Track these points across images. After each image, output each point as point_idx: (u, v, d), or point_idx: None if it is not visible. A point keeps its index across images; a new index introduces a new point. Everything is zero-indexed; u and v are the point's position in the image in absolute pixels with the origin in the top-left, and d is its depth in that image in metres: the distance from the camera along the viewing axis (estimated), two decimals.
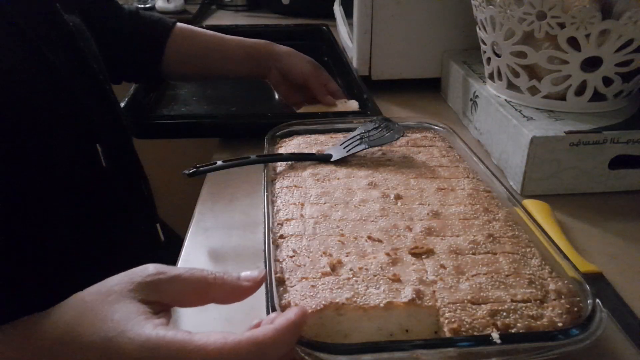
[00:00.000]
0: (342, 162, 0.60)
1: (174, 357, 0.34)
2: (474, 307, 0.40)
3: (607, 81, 0.65)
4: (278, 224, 0.50)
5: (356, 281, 0.42)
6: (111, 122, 0.64)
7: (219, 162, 0.59)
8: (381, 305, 0.40)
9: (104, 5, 0.79)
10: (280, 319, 0.36)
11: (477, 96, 0.77)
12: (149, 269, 0.39)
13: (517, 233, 0.48)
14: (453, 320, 0.39)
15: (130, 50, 0.80)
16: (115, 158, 0.62)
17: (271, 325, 0.35)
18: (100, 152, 0.59)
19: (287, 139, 0.67)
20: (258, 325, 0.36)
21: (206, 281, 0.39)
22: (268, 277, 0.42)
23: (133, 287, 0.38)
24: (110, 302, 0.37)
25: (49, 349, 0.37)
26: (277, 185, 0.57)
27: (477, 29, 0.75)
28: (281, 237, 0.48)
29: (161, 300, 0.38)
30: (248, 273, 0.40)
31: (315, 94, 0.84)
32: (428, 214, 0.51)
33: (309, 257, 0.44)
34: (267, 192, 0.55)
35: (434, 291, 0.41)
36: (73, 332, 0.37)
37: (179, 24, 0.85)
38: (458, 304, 0.40)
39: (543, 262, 0.45)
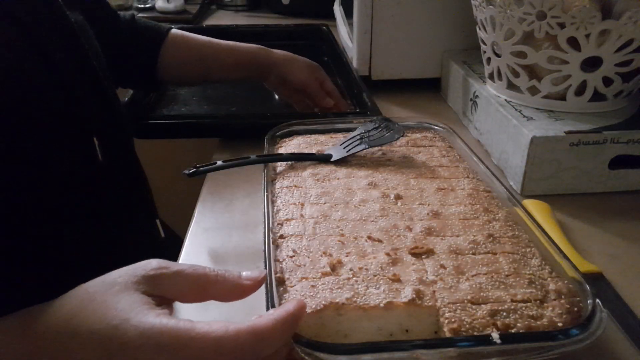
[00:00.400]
0: (342, 162, 0.60)
1: (175, 344, 0.34)
2: (474, 307, 0.40)
3: (607, 81, 0.66)
4: (278, 224, 0.50)
5: (356, 281, 0.42)
6: (109, 118, 0.64)
7: (219, 162, 0.59)
8: (381, 305, 0.40)
9: (101, 10, 0.79)
10: (280, 311, 0.36)
11: (477, 96, 0.77)
12: (152, 264, 0.39)
13: (517, 233, 0.48)
14: (453, 320, 0.39)
15: (126, 57, 0.80)
16: (112, 153, 0.62)
17: (271, 316, 0.36)
18: (97, 146, 0.59)
19: (287, 139, 0.67)
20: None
21: (207, 278, 0.39)
22: (268, 277, 0.42)
23: (136, 280, 0.38)
24: (114, 293, 0.38)
25: (52, 337, 0.37)
26: (277, 185, 0.57)
27: (477, 29, 0.75)
28: (281, 237, 0.48)
29: (163, 294, 0.39)
30: (249, 272, 0.40)
31: (314, 100, 0.84)
32: (428, 214, 0.51)
33: (309, 257, 0.44)
34: (267, 192, 0.55)
35: (434, 291, 0.41)
36: (76, 320, 0.37)
37: (173, 30, 0.85)
38: (458, 304, 0.40)
39: (543, 262, 0.45)
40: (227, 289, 0.40)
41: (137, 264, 0.40)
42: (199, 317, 0.46)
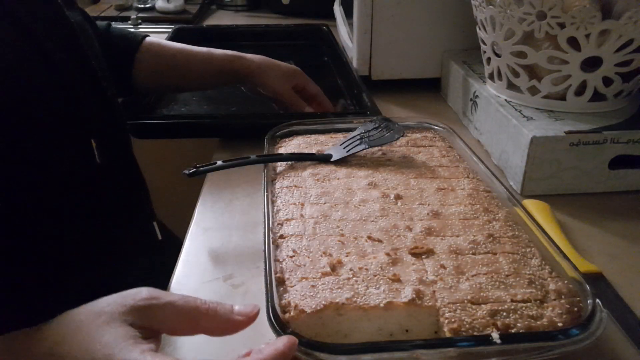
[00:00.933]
0: (342, 162, 0.60)
1: None
2: (474, 307, 0.40)
3: (607, 81, 0.65)
4: (278, 224, 0.50)
5: (356, 281, 0.42)
6: (108, 120, 0.64)
7: (219, 162, 0.59)
8: (381, 305, 0.40)
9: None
10: (269, 349, 0.35)
11: (477, 96, 0.77)
12: (142, 293, 0.38)
13: (517, 233, 0.48)
14: (453, 320, 0.39)
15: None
16: (110, 155, 0.62)
17: (260, 355, 0.34)
18: (95, 148, 0.59)
19: (287, 139, 0.67)
20: (248, 354, 0.35)
21: (198, 311, 0.38)
22: (268, 277, 0.42)
23: (125, 310, 0.37)
24: (100, 324, 0.36)
25: None
26: (277, 185, 0.57)
27: (477, 29, 0.75)
28: (281, 237, 0.48)
29: (151, 326, 0.38)
30: (242, 307, 0.39)
31: (290, 108, 0.83)
32: (428, 214, 0.51)
33: (309, 257, 0.44)
34: (267, 192, 0.55)
35: (434, 291, 0.41)
36: (60, 351, 0.36)
37: (148, 39, 0.84)
38: (458, 304, 0.40)
39: (543, 262, 0.45)
40: (219, 324, 0.38)
41: (127, 291, 0.39)
42: None
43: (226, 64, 0.83)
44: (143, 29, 1.39)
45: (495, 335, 0.37)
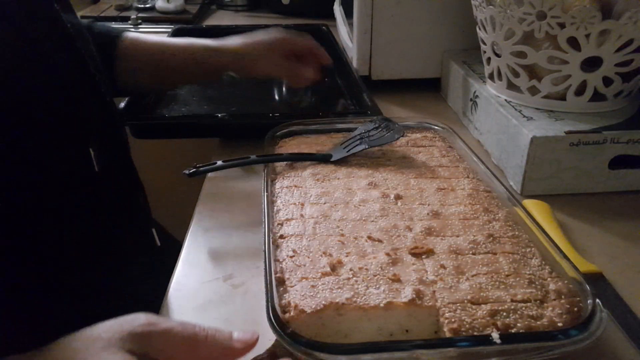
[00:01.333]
0: (342, 162, 0.60)
1: None
2: (474, 307, 0.40)
3: (607, 81, 0.65)
4: (278, 224, 0.50)
5: (356, 281, 0.42)
6: (107, 121, 0.64)
7: (219, 162, 0.59)
8: (381, 305, 0.40)
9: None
10: None
11: (477, 96, 0.77)
12: (140, 319, 0.37)
13: (517, 233, 0.48)
14: (453, 320, 0.39)
15: None
16: (108, 163, 0.62)
17: None
18: (93, 156, 0.59)
19: (287, 139, 0.67)
20: None
21: (197, 338, 0.37)
22: (268, 277, 0.42)
23: (122, 336, 0.36)
24: (97, 351, 0.36)
25: None
26: (277, 185, 0.57)
27: (477, 29, 0.75)
28: (281, 237, 0.48)
29: (149, 353, 0.37)
30: (241, 334, 0.38)
31: (291, 82, 0.80)
32: (428, 214, 0.51)
33: (309, 257, 0.44)
34: (267, 192, 0.55)
35: (434, 291, 0.41)
36: None
37: (125, 34, 0.80)
38: (458, 304, 0.40)
39: (543, 262, 0.45)
40: (217, 352, 0.38)
41: (124, 317, 0.38)
42: (197, 318, 0.46)
43: (205, 59, 0.80)
44: (143, 29, 1.39)
45: (495, 335, 0.37)
